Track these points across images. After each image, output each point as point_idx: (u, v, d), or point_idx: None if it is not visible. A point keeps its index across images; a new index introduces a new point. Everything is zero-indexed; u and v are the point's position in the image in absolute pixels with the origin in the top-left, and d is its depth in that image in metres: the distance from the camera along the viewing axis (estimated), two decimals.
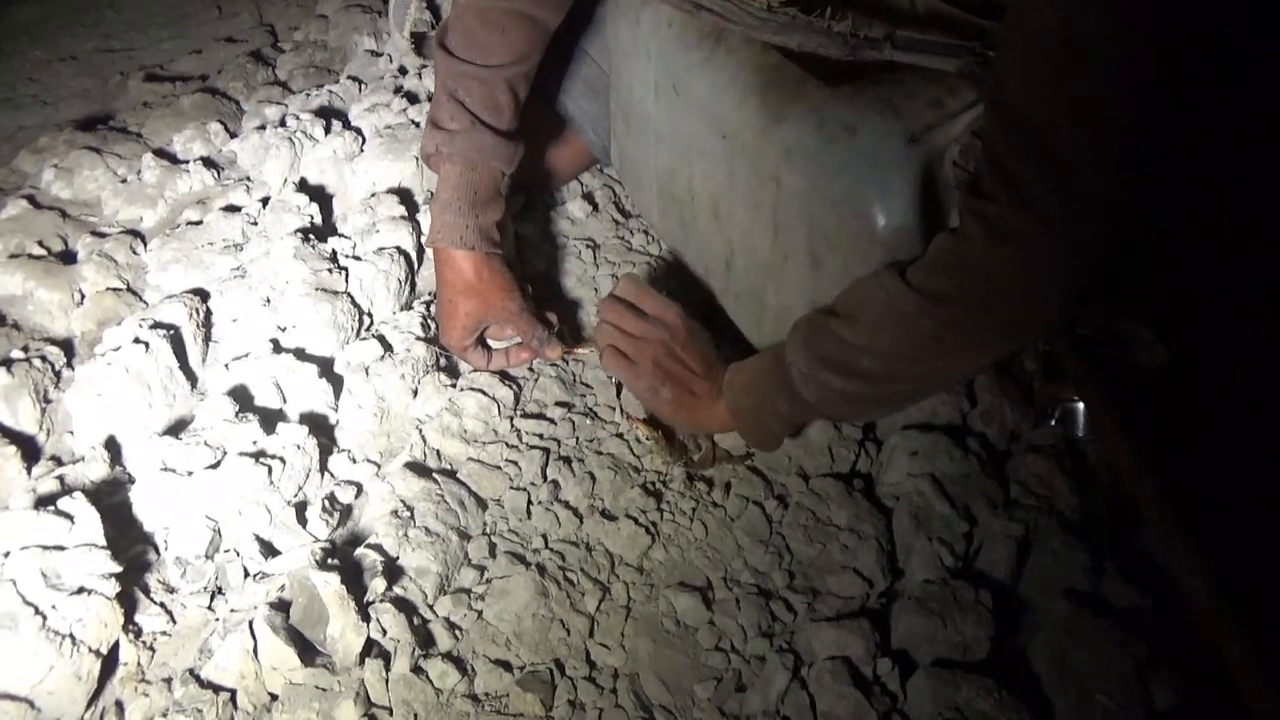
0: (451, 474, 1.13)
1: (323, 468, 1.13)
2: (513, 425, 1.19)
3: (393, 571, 1.01)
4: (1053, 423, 1.16)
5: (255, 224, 1.43)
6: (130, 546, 1.02)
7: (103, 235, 1.44)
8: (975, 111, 0.92)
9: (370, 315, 1.32)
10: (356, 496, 1.12)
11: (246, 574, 1.02)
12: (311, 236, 1.36)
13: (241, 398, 1.17)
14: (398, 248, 1.35)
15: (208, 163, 1.57)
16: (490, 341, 1.26)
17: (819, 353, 0.95)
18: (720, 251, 1.22)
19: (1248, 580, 0.90)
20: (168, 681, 0.93)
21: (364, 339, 1.26)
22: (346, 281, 1.30)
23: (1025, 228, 0.82)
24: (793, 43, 0.98)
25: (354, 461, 1.15)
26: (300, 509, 1.08)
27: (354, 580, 0.98)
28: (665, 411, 1.11)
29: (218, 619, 0.99)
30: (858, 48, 0.93)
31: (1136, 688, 0.91)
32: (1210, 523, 0.95)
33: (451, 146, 1.16)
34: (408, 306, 1.35)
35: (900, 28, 0.93)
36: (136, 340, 1.16)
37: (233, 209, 1.46)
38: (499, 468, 1.14)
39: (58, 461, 1.14)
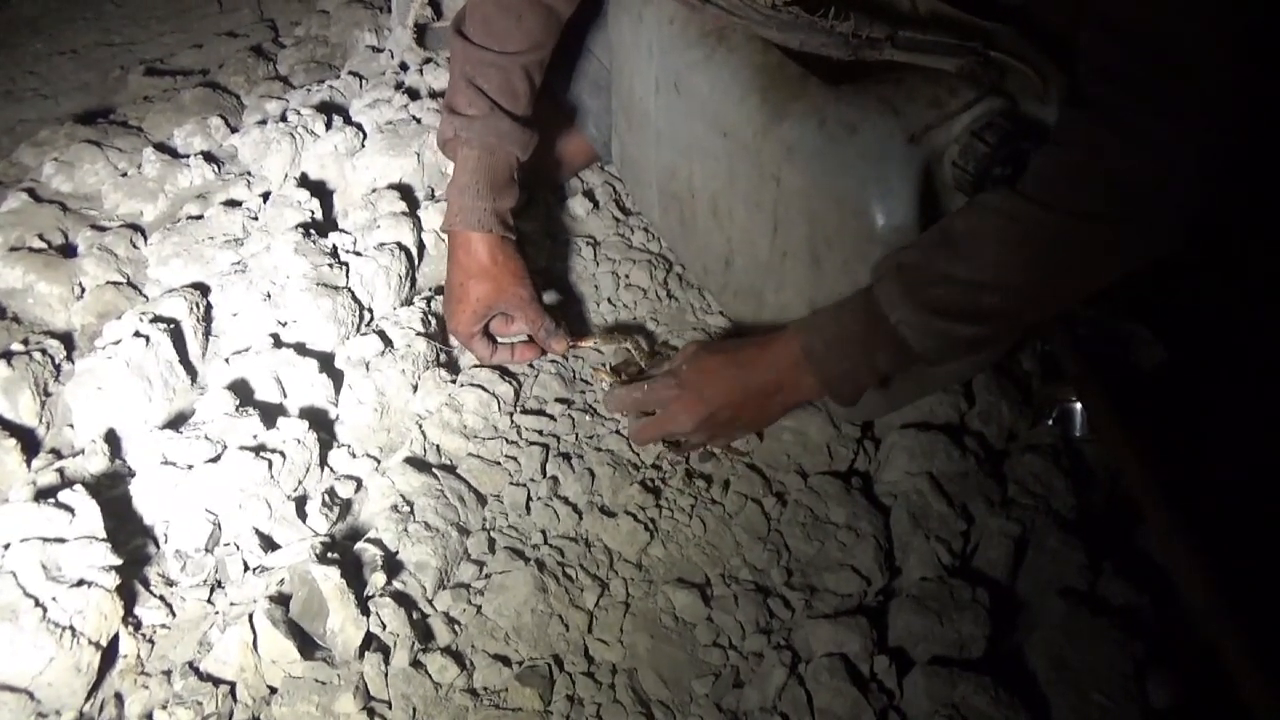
0: (451, 469, 1.13)
1: (323, 462, 1.13)
2: (512, 421, 1.20)
3: (392, 566, 1.01)
4: (1050, 422, 1.16)
5: (256, 219, 1.43)
6: (130, 539, 1.02)
7: (103, 229, 1.44)
8: (975, 111, 0.93)
9: (370, 310, 1.32)
10: (356, 491, 1.12)
11: (246, 567, 1.02)
12: (312, 231, 1.36)
13: (242, 392, 1.17)
14: (398, 243, 1.35)
15: (208, 157, 1.58)
16: (495, 335, 1.26)
17: (928, 300, 0.91)
18: (720, 249, 1.22)
19: (1246, 580, 0.91)
20: (167, 674, 0.93)
21: (364, 334, 1.26)
22: (347, 277, 1.30)
23: (1158, 129, 0.82)
24: (795, 41, 0.98)
25: (354, 456, 1.15)
26: (300, 503, 1.08)
27: (354, 574, 0.98)
28: (757, 427, 1.11)
29: (217, 612, 0.99)
30: (859, 48, 0.94)
31: (1133, 686, 0.91)
32: (1209, 522, 0.95)
33: (470, 131, 1.16)
34: (408, 302, 1.35)
35: (902, 28, 0.93)
36: (136, 334, 1.17)
37: (233, 204, 1.46)
38: (498, 463, 1.15)
39: (57, 454, 1.14)
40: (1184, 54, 0.79)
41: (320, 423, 1.17)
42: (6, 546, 0.92)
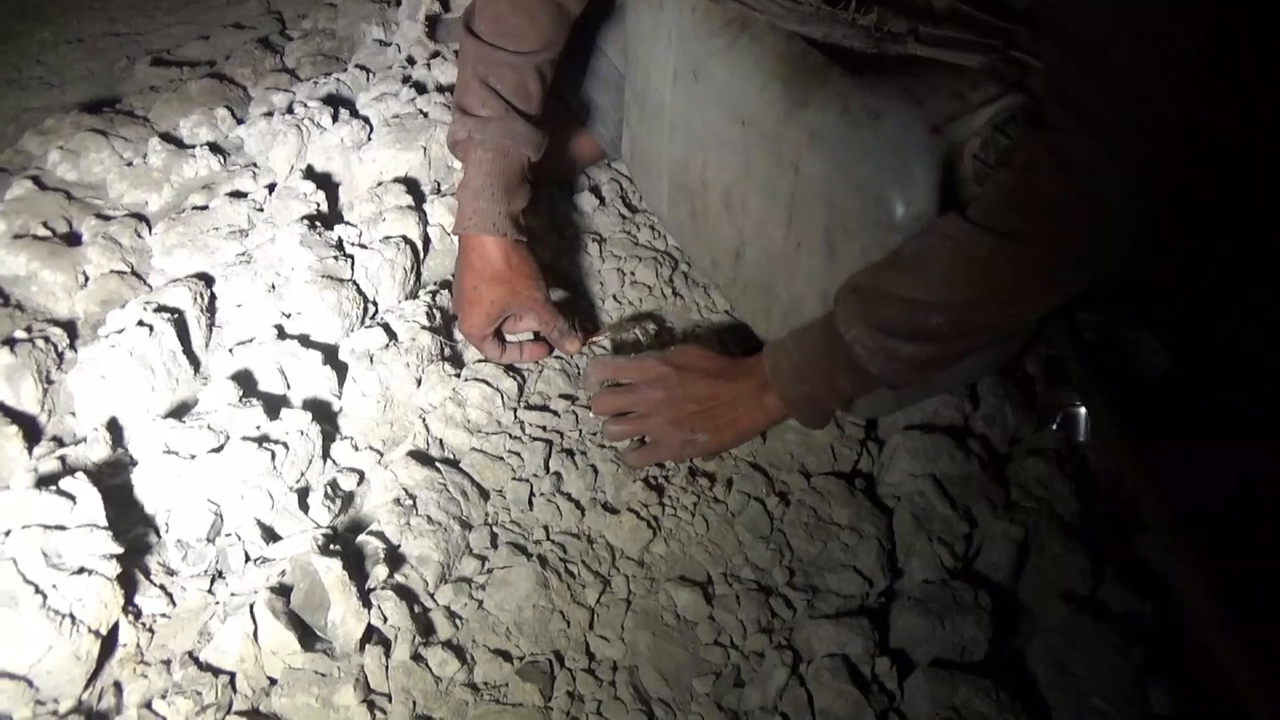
0: (454, 463, 1.13)
1: (325, 454, 1.13)
2: (516, 416, 1.19)
3: (394, 559, 1.01)
4: (1054, 427, 1.16)
5: (261, 210, 1.43)
6: (131, 528, 1.02)
7: (107, 218, 1.44)
8: (997, 106, 0.93)
9: (375, 303, 1.32)
10: (359, 484, 1.11)
11: (247, 558, 1.01)
12: (318, 224, 1.36)
13: (245, 383, 1.16)
14: (404, 237, 1.35)
15: (214, 148, 1.57)
16: (505, 335, 1.26)
17: (881, 321, 0.93)
18: (730, 242, 1.21)
19: (1247, 586, 0.91)
20: (167, 663, 0.93)
21: (369, 327, 1.26)
22: (352, 269, 1.30)
23: (1094, 153, 0.82)
24: (818, 34, 0.98)
25: (357, 449, 1.15)
26: (302, 495, 1.07)
27: (355, 567, 0.97)
28: (715, 446, 1.10)
29: (218, 602, 0.99)
30: (882, 41, 0.94)
31: (1133, 692, 0.91)
32: (1210, 528, 0.95)
33: (484, 133, 1.15)
34: (413, 295, 1.35)
35: (924, 24, 0.93)
36: (140, 323, 1.16)
37: (239, 195, 1.46)
38: (502, 458, 1.14)
39: (59, 442, 1.14)
40: (1134, 81, 0.79)
41: (323, 415, 1.16)
42: (7, 533, 0.92)
